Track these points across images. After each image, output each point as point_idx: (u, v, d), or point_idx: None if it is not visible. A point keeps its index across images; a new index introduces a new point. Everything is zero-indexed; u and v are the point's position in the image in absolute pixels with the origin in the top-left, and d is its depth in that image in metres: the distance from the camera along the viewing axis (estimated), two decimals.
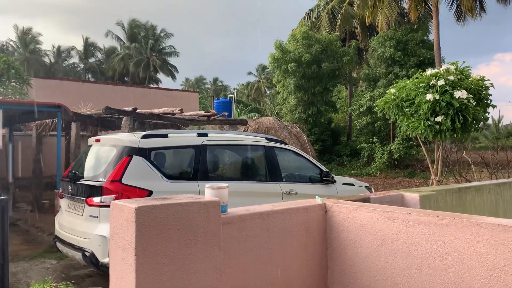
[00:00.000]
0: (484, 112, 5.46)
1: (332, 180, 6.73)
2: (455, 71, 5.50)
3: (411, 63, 21.47)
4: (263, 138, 6.37)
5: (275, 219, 2.71)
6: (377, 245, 2.67)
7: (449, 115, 5.18)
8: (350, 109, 24.52)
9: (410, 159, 21.99)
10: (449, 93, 5.20)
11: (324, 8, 26.63)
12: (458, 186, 4.38)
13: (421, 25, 22.58)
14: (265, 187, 6.01)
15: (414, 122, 5.55)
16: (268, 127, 20.23)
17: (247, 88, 65.70)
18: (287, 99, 25.07)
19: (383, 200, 3.51)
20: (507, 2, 19.24)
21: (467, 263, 2.27)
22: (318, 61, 23.34)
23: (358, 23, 25.18)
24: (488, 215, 4.67)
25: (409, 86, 5.71)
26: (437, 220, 2.41)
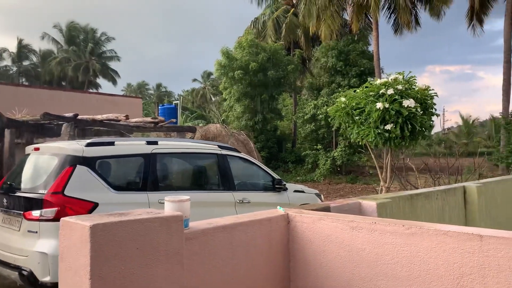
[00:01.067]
0: (429, 120, 5.70)
1: (284, 188, 6.72)
2: (402, 81, 5.70)
3: (352, 73, 22.26)
4: (216, 146, 6.22)
5: (239, 232, 2.59)
6: (342, 256, 2.63)
7: (398, 123, 5.34)
8: (295, 116, 24.94)
9: (352, 165, 22.73)
10: (398, 102, 5.37)
11: (270, 17, 26.98)
12: (410, 193, 4.49)
13: (361, 36, 23.50)
14: (218, 197, 5.86)
15: (365, 130, 5.67)
16: (215, 134, 20.04)
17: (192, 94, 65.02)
18: (234, 106, 25.04)
19: (342, 208, 3.49)
20: (440, 17, 20.52)
21: (433, 272, 2.27)
22: (264, 69, 23.57)
23: (302, 33, 25.73)
24: (437, 220, 4.84)
25: (359, 95, 5.83)
26: (403, 229, 2.40)
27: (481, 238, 2.14)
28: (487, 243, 2.12)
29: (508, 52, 16.79)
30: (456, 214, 5.29)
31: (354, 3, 19.22)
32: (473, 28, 19.38)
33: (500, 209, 6.48)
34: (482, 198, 5.62)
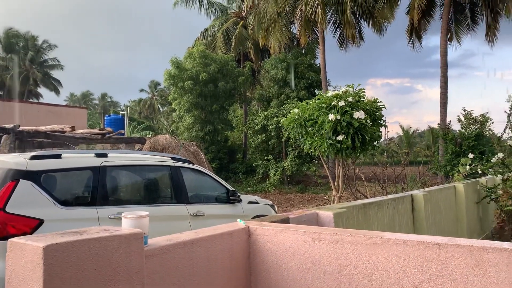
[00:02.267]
0: (378, 131, 5.91)
1: (239, 199, 6.67)
2: (352, 93, 5.87)
3: (301, 85, 22.76)
4: (169, 158, 6.07)
5: (199, 248, 2.51)
6: (304, 268, 2.62)
7: (350, 134, 5.49)
8: (245, 127, 25.04)
9: (301, 175, 23.12)
10: (349, 114, 5.52)
11: (219, 29, 27.05)
12: (362, 202, 4.59)
13: (309, 50, 24.13)
14: (171, 210, 5.70)
15: (317, 141, 5.77)
16: (164, 145, 19.63)
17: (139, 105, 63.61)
18: (184, 116, 24.75)
19: (301, 219, 3.50)
20: (381, 32, 21.52)
21: (394, 281, 2.31)
22: (214, 80, 23.54)
23: (252, 45, 26.02)
24: (388, 228, 5.00)
25: (311, 106, 5.94)
26: (364, 239, 2.43)
27: (439, 247, 2.21)
28: (445, 251, 2.19)
29: (444, 67, 17.89)
30: (405, 222, 5.49)
31: (302, 18, 19.71)
32: (412, 43, 20.53)
33: (443, 215, 6.82)
34: (428, 205, 5.88)
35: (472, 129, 15.09)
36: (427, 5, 18.60)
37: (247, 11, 26.90)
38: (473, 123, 15.92)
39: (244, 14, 27.71)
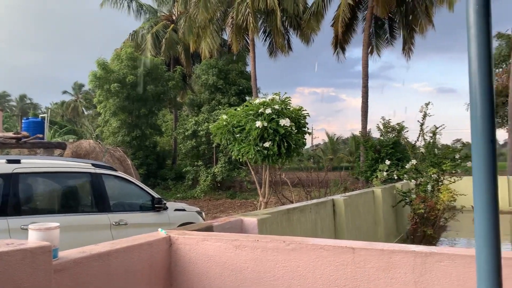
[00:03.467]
0: (303, 138, 6.09)
1: (164, 207, 6.52)
2: (279, 101, 6.01)
3: (232, 91, 22.88)
4: (89, 164, 5.78)
5: (116, 259, 2.40)
6: (226, 276, 2.61)
7: (276, 141, 5.60)
8: (175, 132, 24.61)
9: (231, 181, 23.18)
10: (275, 121, 5.64)
11: (149, 31, 26.41)
12: (286, 208, 4.70)
13: (240, 57, 24.34)
14: (91, 219, 5.43)
15: (245, 147, 5.82)
16: (88, 151, 18.73)
17: (62, 107, 60.18)
18: (110, 120, 23.77)
19: (225, 226, 3.50)
20: (309, 42, 22.30)
21: (312, 286, 2.37)
22: (143, 83, 22.89)
23: (183, 50, 25.72)
24: (311, 232, 5.15)
25: (239, 113, 5.98)
26: (284, 245, 2.47)
27: (353, 251, 2.31)
28: (359, 255, 2.29)
29: (365, 77, 18.95)
30: (327, 226, 5.70)
31: (233, 25, 19.86)
32: (337, 54, 21.51)
33: (363, 218, 7.19)
34: (348, 209, 6.16)
35: (390, 137, 16.05)
36: (351, 19, 19.63)
37: (178, 15, 26.56)
38: (391, 131, 16.92)
39: (174, 18, 27.33)
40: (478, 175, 1.35)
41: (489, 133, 1.38)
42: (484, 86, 1.39)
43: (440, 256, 2.11)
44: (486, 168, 1.35)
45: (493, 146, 1.39)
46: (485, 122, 1.37)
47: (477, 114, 1.38)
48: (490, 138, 1.38)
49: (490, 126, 1.38)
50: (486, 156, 1.36)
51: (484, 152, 1.36)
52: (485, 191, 1.34)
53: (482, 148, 1.36)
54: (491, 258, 1.33)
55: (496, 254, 1.35)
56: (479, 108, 1.39)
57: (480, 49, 1.39)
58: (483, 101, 1.38)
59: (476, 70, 1.39)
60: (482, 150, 1.36)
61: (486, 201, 1.34)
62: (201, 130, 21.54)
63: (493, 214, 1.35)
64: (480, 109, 1.38)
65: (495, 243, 1.35)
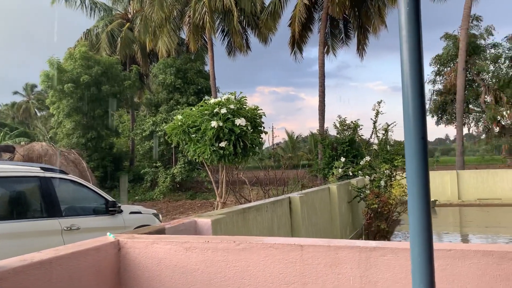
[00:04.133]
0: (259, 138, 6.12)
1: (119, 210, 6.38)
2: (234, 101, 6.00)
3: (190, 90, 22.66)
4: (38, 168, 5.55)
5: (60, 267, 2.31)
6: (176, 278, 2.57)
7: (232, 141, 5.59)
8: (132, 133, 24.08)
9: (191, 181, 22.97)
10: (230, 121, 5.63)
11: (103, 30, 25.67)
12: (242, 207, 4.70)
13: (199, 56, 24.15)
14: (40, 225, 5.21)
15: (201, 148, 5.77)
16: (40, 154, 18.00)
17: (13, 109, 57.53)
18: (63, 122, 22.95)
19: (178, 228, 3.45)
20: (267, 42, 22.43)
21: (262, 285, 2.38)
22: (98, 83, 22.28)
23: (139, 48, 25.19)
24: (267, 231, 5.18)
25: (194, 113, 5.93)
26: (234, 245, 2.47)
27: (301, 248, 2.34)
28: (307, 252, 2.33)
29: (322, 77, 19.30)
30: (284, 224, 5.75)
31: (190, 24, 19.66)
32: (294, 54, 21.75)
33: (319, 215, 7.31)
34: (304, 207, 6.24)
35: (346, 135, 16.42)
36: (307, 19, 19.92)
37: (133, 13, 25.97)
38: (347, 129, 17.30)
39: (130, 16, 26.71)
40: (411, 171, 1.39)
41: (420, 131, 1.42)
42: (415, 86, 1.44)
43: (384, 250, 2.18)
44: (418, 164, 1.39)
45: (424, 143, 1.44)
46: (416, 121, 1.41)
47: (409, 113, 1.42)
48: (421, 136, 1.42)
49: (421, 124, 1.43)
50: (417, 153, 1.40)
51: (415, 149, 1.40)
52: (417, 186, 1.38)
53: (414, 145, 1.40)
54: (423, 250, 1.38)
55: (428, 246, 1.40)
56: (410, 107, 1.43)
57: (411, 50, 1.43)
58: (415, 100, 1.42)
59: (407, 71, 1.43)
60: (414, 147, 1.40)
61: (418, 195, 1.39)
62: (159, 131, 21.20)
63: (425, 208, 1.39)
64: (412, 108, 1.43)
65: (427, 235, 1.40)
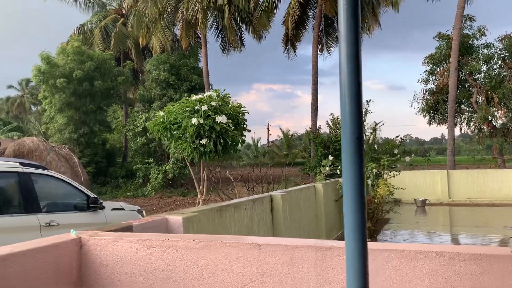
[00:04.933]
0: (241, 135, 6.10)
1: (100, 206, 6.34)
2: (216, 98, 5.97)
3: (184, 87, 22.58)
4: (16, 164, 5.50)
5: (15, 264, 2.28)
6: (137, 276, 2.55)
7: (212, 138, 5.57)
8: (125, 129, 23.99)
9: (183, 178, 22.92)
10: (211, 118, 5.60)
11: (97, 25, 25.53)
12: (219, 205, 4.68)
13: (192, 52, 24.05)
14: (17, 221, 5.18)
15: (182, 145, 5.75)
16: (31, 149, 17.91)
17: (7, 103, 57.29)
18: (56, 117, 22.83)
19: (146, 226, 3.43)
20: (261, 40, 22.38)
21: (221, 284, 2.36)
22: (91, 78, 22.16)
23: (133, 44, 25.07)
24: (245, 229, 5.16)
25: (176, 110, 5.90)
26: (194, 244, 2.45)
27: (259, 247, 2.32)
28: (264, 251, 2.31)
29: (315, 75, 19.28)
30: (264, 221, 5.74)
31: (183, 20, 19.57)
32: (288, 52, 21.71)
33: (303, 213, 7.30)
34: (286, 205, 6.23)
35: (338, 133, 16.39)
36: (301, 17, 19.87)
37: (128, 9, 25.84)
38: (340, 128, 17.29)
39: (124, 12, 26.58)
40: (346, 170, 1.37)
41: (356, 131, 1.41)
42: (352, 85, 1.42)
43: (339, 250, 2.16)
44: (353, 164, 1.38)
45: (360, 143, 1.42)
46: (352, 120, 1.39)
47: (346, 112, 1.40)
48: (356, 136, 1.40)
49: (357, 124, 1.41)
50: (353, 152, 1.39)
51: (351, 148, 1.39)
52: (352, 185, 1.37)
53: (349, 145, 1.39)
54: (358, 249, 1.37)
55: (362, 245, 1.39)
56: (347, 106, 1.41)
57: (349, 48, 1.41)
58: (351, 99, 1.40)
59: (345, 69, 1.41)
60: (349, 147, 1.39)
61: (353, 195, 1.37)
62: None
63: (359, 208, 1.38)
64: (348, 107, 1.41)
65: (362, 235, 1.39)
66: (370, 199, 8.29)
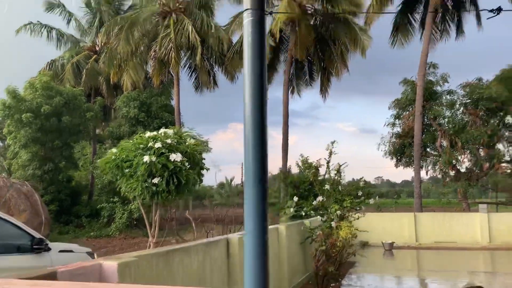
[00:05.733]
0: (198, 175, 5.91)
1: (46, 248, 5.94)
2: (173, 135, 5.81)
3: (154, 124, 22.39)
4: None
5: None
6: None
7: (165, 177, 5.36)
8: (91, 166, 23.39)
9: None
10: (165, 156, 5.41)
11: (69, 61, 25.37)
12: (165, 249, 4.41)
13: (164, 90, 24.07)
14: None
15: (133, 183, 5.50)
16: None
17: None
18: (20, 152, 22.10)
19: (75, 272, 3.14)
20: (234, 80, 22.64)
21: None
22: (59, 113, 21.75)
23: (104, 81, 24.94)
24: (196, 277, 4.86)
25: (129, 147, 5.69)
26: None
27: None
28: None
29: (286, 116, 19.50)
30: (218, 267, 5.45)
31: (155, 58, 19.67)
32: None
33: None
34: None
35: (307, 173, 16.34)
36: (272, 60, 20.31)
37: (101, 46, 25.88)
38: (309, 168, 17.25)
39: (98, 49, 26.58)
40: (248, 213, 1.30)
41: (260, 175, 1.31)
42: (256, 124, 1.32)
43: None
44: (256, 206, 1.30)
45: (263, 187, 1.32)
46: (256, 164, 1.30)
47: (249, 153, 1.30)
48: (259, 178, 1.31)
49: (261, 168, 1.32)
50: (256, 195, 1.30)
51: (255, 191, 1.30)
52: (255, 227, 1.28)
53: (253, 187, 1.30)
54: None
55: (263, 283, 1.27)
56: (251, 147, 1.31)
57: (254, 99, 1.33)
58: (255, 144, 1.30)
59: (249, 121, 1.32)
60: (252, 190, 1.30)
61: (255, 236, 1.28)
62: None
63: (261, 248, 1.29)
64: (252, 148, 1.30)
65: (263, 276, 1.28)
66: (333, 242, 8.12)
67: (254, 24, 1.38)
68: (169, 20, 19.92)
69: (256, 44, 1.34)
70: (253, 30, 1.38)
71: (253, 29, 1.38)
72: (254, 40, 1.35)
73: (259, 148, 1.31)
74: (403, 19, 19.44)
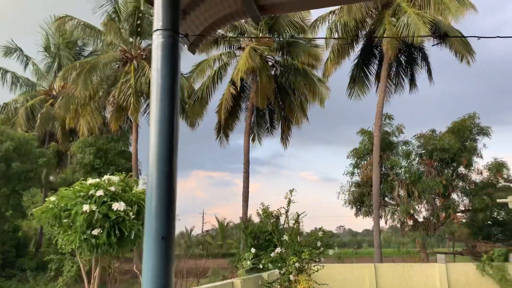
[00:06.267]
0: (142, 226, 5.47)
1: None
2: (119, 182, 5.43)
3: (110, 171, 21.55)
4: None
5: None
6: None
7: (106, 228, 4.92)
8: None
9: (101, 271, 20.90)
10: (107, 205, 5.01)
11: (23, 105, 24.50)
12: None
13: (123, 136, 23.48)
14: None
15: (70, 235, 5.01)
16: None
17: None
18: None
19: None
20: (194, 127, 22.43)
21: None
22: (8, 159, 20.59)
23: (60, 126, 24.12)
24: None
25: (69, 194, 5.25)
26: None
27: None
28: None
29: (247, 163, 19.32)
30: None
31: (114, 103, 19.29)
32: (220, 140, 21.81)
33: None
34: None
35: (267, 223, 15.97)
36: (234, 107, 20.37)
37: (58, 90, 25.25)
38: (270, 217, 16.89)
39: (55, 93, 25.91)
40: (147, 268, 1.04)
41: (162, 230, 1.08)
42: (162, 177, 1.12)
43: None
44: (157, 266, 1.05)
45: (166, 243, 1.08)
46: (157, 219, 1.07)
47: (151, 208, 1.07)
48: (161, 234, 1.07)
49: (165, 222, 1.09)
50: (156, 253, 1.06)
51: (154, 249, 1.05)
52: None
53: (153, 243, 1.06)
54: None
55: None
56: (153, 201, 1.09)
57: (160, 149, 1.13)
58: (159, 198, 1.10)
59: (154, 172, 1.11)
60: (153, 245, 1.05)
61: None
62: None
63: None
64: (154, 202, 1.09)
65: None
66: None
67: (164, 48, 1.16)
68: (129, 66, 19.79)
69: (166, 71, 1.10)
70: (162, 54, 1.16)
71: (162, 53, 1.16)
72: (164, 66, 1.11)
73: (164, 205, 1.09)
74: (360, 72, 20.19)
